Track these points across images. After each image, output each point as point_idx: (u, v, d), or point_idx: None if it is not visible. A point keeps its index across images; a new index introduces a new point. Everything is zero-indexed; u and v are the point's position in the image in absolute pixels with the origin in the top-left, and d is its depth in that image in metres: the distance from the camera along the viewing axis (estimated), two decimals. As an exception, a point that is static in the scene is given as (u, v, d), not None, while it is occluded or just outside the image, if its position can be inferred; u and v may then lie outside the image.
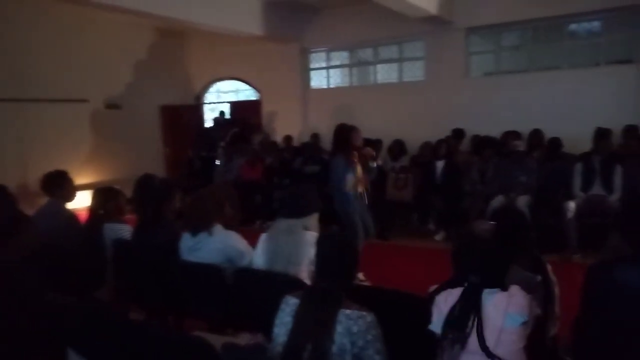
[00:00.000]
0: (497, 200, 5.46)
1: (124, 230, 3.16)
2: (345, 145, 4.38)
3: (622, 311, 1.92)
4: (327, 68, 9.33)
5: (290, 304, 1.71)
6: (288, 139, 8.74)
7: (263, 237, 2.58)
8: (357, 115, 8.64)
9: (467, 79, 7.81)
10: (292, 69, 9.30)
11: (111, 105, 8.96)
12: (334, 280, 1.68)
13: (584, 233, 5.02)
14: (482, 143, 6.36)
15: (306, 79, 9.46)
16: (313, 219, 2.52)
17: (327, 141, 8.30)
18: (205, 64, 10.25)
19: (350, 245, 1.75)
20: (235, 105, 10.31)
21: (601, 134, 5.29)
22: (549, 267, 2.16)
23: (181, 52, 10.48)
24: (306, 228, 2.45)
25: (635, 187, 4.82)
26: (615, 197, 4.91)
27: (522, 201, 5.34)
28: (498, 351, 1.60)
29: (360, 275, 4.50)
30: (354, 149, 4.41)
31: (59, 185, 3.44)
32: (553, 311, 2.12)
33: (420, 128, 7.58)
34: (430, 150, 6.66)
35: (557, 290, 2.14)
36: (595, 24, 7.07)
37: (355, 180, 4.43)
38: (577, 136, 6.26)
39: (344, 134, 4.43)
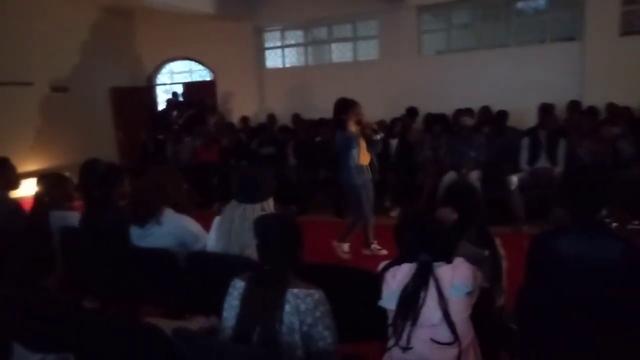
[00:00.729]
0: (449, 176, 5.62)
1: (71, 217, 3.06)
2: (346, 119, 4.35)
3: (562, 278, 2.03)
4: (282, 47, 9.23)
5: (237, 287, 1.72)
6: (244, 119, 8.66)
7: (217, 221, 2.54)
8: (313, 95, 8.66)
9: (420, 58, 7.91)
10: (246, 49, 9.14)
11: (57, 88, 8.55)
12: (278, 262, 1.69)
13: (530, 205, 5.25)
14: (433, 120, 6.49)
15: (261, 59, 9.33)
16: (269, 202, 2.50)
17: (283, 121, 8.32)
18: (156, 44, 9.90)
19: (290, 225, 1.75)
20: (189, 86, 10.08)
21: (545, 109, 5.51)
22: (498, 241, 2.25)
23: (130, 31, 10.07)
24: (264, 211, 2.43)
25: (576, 160, 5.06)
26: (559, 169, 5.14)
27: (474, 176, 5.51)
28: (445, 320, 1.67)
29: (375, 245, 4.59)
30: (356, 123, 4.41)
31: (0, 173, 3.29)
32: (500, 284, 2.22)
33: (375, 107, 7.61)
34: (385, 129, 6.73)
35: (505, 264, 2.24)
36: (541, 2, 7.29)
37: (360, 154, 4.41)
38: (525, 112, 6.50)
39: (345, 107, 4.42)
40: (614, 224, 4.80)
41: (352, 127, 4.40)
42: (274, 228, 1.74)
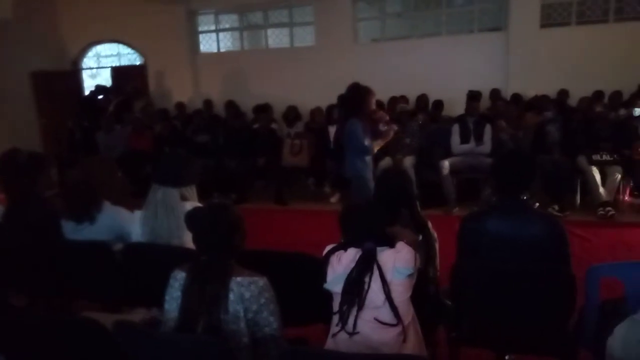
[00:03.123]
0: (385, 162, 5.78)
1: (-7, 211, 2.86)
2: (360, 108, 3.98)
3: (490, 255, 2.18)
4: (216, 31, 9.00)
5: (178, 279, 1.69)
6: (180, 105, 8.38)
7: (138, 214, 2.45)
8: (249, 81, 8.56)
9: (355, 45, 8.02)
10: (179, 32, 8.83)
11: (-32, 72, 7.87)
12: (218, 252, 1.68)
13: (460, 188, 5.53)
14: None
15: (195, 43, 9.06)
16: (192, 189, 2.45)
17: (220, 107, 8.17)
18: (81, 26, 9.25)
19: (225, 214, 1.72)
20: (118, 71, 9.59)
21: (471, 97, 5.81)
22: (430, 224, 2.36)
23: (52, 11, 9.38)
24: (184, 199, 2.38)
25: (501, 145, 5.38)
26: (484, 150, 5.42)
27: (408, 162, 5.72)
28: (388, 302, 1.75)
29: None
30: (368, 113, 4.06)
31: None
32: (434, 265, 2.33)
33: (312, 93, 7.66)
34: (322, 116, 6.80)
35: (437, 245, 2.36)
36: (469, -7, 7.59)
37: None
38: (456, 99, 6.77)
39: (360, 95, 4.02)
40: (536, 205, 5.18)
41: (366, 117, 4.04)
42: (207, 219, 1.70)
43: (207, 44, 9.13)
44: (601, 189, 4.98)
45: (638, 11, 6.76)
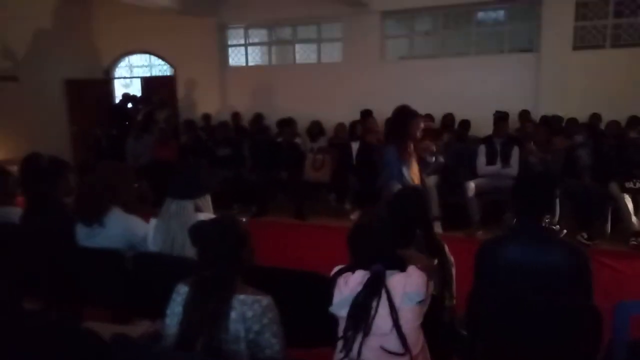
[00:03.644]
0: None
1: (12, 213, 2.90)
2: (401, 134, 3.78)
3: (508, 284, 2.07)
4: (246, 45, 9.10)
5: (181, 293, 1.64)
6: (206, 117, 8.48)
7: (153, 222, 2.44)
8: (276, 95, 8.60)
9: (383, 62, 7.98)
10: (209, 45, 8.96)
11: (6, 77, 8.13)
12: (221, 268, 1.62)
13: (485, 210, 5.37)
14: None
15: (224, 56, 9.17)
16: (206, 200, 2.42)
17: (247, 120, 8.24)
18: (115, 36, 9.54)
19: (231, 229, 1.66)
20: (148, 81, 9.79)
21: (500, 117, 5.67)
22: (446, 248, 2.26)
23: (87, 21, 9.68)
24: (198, 209, 2.35)
25: (528, 168, 5.21)
26: (511, 172, 5.26)
27: (431, 181, 5.59)
28: (395, 330, 1.65)
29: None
30: (411, 140, 3.81)
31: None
32: (450, 291, 2.23)
33: (337, 109, 7.65)
34: (345, 132, 6.76)
35: (453, 270, 2.25)
36: (500, 13, 7.49)
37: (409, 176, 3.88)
38: (483, 119, 6.65)
39: (402, 120, 3.82)
40: (564, 232, 4.98)
41: (406, 144, 3.83)
42: (211, 233, 1.65)
43: (236, 57, 9.24)
44: (634, 218, 4.76)
45: (676, 35, 6.54)
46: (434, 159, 4.00)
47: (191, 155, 6.74)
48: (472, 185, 5.31)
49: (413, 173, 3.91)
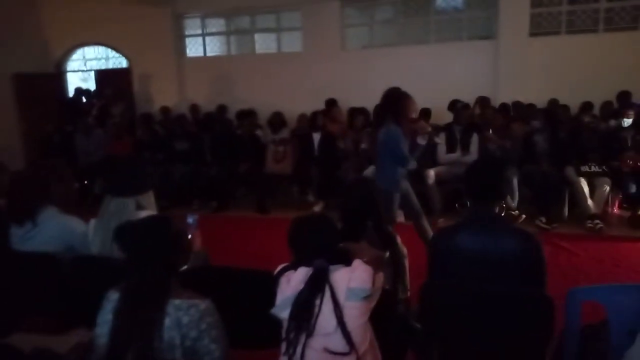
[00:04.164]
0: (371, 170, 5.64)
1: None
2: (398, 115, 3.59)
3: (461, 272, 2.02)
4: (203, 35, 8.85)
5: (111, 300, 1.52)
6: (165, 110, 8.20)
7: (92, 223, 2.29)
8: (236, 86, 8.41)
9: (343, 52, 7.89)
10: (165, 36, 8.67)
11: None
12: (152, 271, 1.51)
13: (446, 198, 5.38)
14: (355, 114, 6.50)
15: (181, 47, 8.89)
16: (148, 197, 2.28)
17: (206, 112, 8.02)
18: (66, 27, 9.05)
19: (161, 228, 1.56)
20: (102, 74, 9.41)
21: (457, 106, 5.70)
22: (398, 239, 2.20)
23: (35, 12, 9.19)
24: (140, 207, 2.21)
25: (488, 154, 5.24)
26: (471, 159, 5.28)
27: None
28: (340, 328, 1.56)
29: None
30: (407, 121, 3.62)
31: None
32: (404, 284, 2.17)
33: (299, 99, 7.53)
34: (307, 122, 6.66)
35: (406, 262, 2.20)
36: (459, 1, 7.49)
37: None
38: (443, 107, 6.64)
39: (397, 100, 3.64)
40: (523, 217, 5.04)
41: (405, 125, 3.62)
42: (139, 235, 1.53)
43: (194, 48, 8.97)
44: (589, 201, 4.85)
45: (628, 21, 6.68)
46: (425, 141, 3.73)
47: (147, 151, 6.50)
48: (432, 173, 5.31)
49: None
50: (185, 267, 1.94)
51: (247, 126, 6.47)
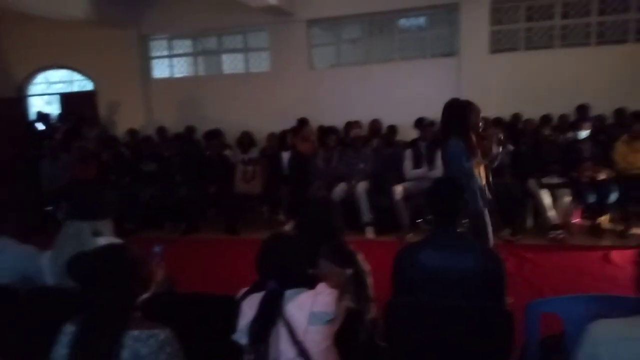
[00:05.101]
0: (340, 188, 5.69)
1: None
2: (462, 126, 3.38)
3: (424, 290, 2.05)
4: (170, 57, 8.82)
5: (67, 333, 1.48)
6: (132, 132, 8.09)
7: (49, 251, 2.24)
8: (204, 107, 8.40)
9: (311, 71, 7.98)
10: (131, 58, 8.60)
11: None
12: (107, 302, 1.48)
13: (414, 213, 5.45)
14: (326, 132, 6.54)
15: (147, 68, 8.83)
16: (107, 224, 2.24)
17: (174, 134, 7.93)
18: (28, 51, 8.87)
19: (115, 257, 1.53)
20: (67, 97, 9.26)
21: (421, 122, 5.83)
22: (360, 256, 2.22)
23: (-6, 35, 9.02)
24: (97, 233, 2.17)
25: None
26: (437, 174, 5.37)
27: (362, 187, 5.63)
28: (305, 353, 1.56)
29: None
30: (474, 131, 3.41)
31: None
32: (367, 302, 2.18)
33: (268, 119, 7.56)
34: (276, 141, 6.68)
35: (369, 279, 2.21)
36: (421, 20, 7.70)
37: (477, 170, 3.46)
38: (409, 123, 6.77)
39: (460, 111, 3.44)
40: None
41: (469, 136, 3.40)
42: (92, 265, 1.50)
43: (160, 69, 8.92)
44: (551, 212, 4.99)
45: (581, 38, 6.98)
46: (500, 148, 3.55)
47: (113, 173, 6.39)
48: (399, 189, 5.38)
49: (477, 169, 3.48)
50: (146, 295, 1.92)
51: (216, 146, 6.43)
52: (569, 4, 6.97)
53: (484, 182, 3.49)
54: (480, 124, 3.49)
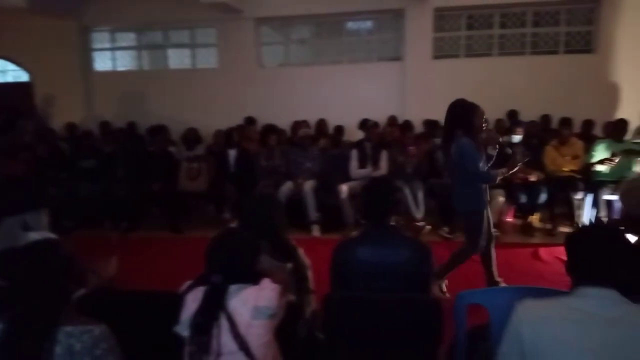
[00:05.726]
0: (287, 186, 5.73)
1: None
2: (471, 127, 3.39)
3: (360, 284, 2.14)
4: (112, 49, 8.53)
5: (-5, 331, 1.45)
6: (71, 127, 7.77)
7: None
8: (149, 102, 8.20)
9: (260, 69, 7.97)
10: (70, 49, 8.26)
11: None
12: (38, 298, 1.45)
13: (358, 211, 5.58)
14: (269, 131, 6.57)
15: (88, 61, 8.50)
16: (39, 217, 2.18)
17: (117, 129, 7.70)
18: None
19: (46, 253, 1.50)
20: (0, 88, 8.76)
21: (367, 124, 5.99)
22: (301, 251, 2.28)
23: None
24: (28, 227, 2.11)
25: (398, 169, 5.53)
26: (381, 173, 5.54)
27: (308, 185, 5.70)
28: (246, 346, 1.60)
29: (444, 286, 3.73)
30: (478, 132, 3.44)
31: None
32: (308, 295, 2.24)
33: (215, 116, 7.48)
34: (223, 139, 6.63)
35: (310, 273, 2.28)
36: (369, 24, 7.87)
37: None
38: (355, 125, 6.94)
39: (468, 112, 3.43)
40: (429, 227, 5.36)
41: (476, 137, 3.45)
42: (20, 261, 1.47)
43: (103, 62, 8.62)
44: (487, 211, 5.25)
45: (517, 47, 7.39)
46: (496, 151, 3.59)
47: (50, 169, 6.12)
48: (345, 188, 5.49)
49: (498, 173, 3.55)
50: (82, 291, 1.89)
51: (160, 142, 6.30)
52: (506, 15, 7.35)
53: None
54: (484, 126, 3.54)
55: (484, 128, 3.53)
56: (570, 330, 1.39)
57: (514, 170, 3.68)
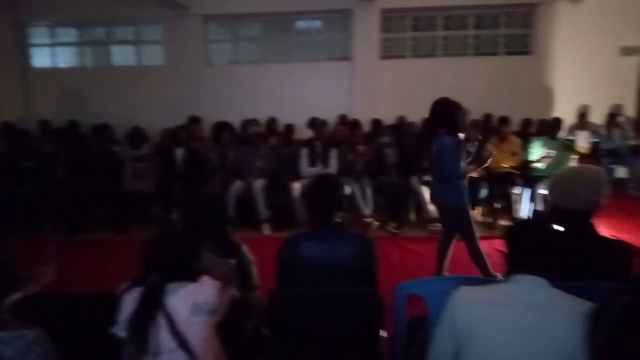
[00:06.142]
0: (237, 185, 5.70)
1: None
2: (454, 125, 3.43)
3: (306, 280, 2.18)
4: (52, 45, 8.18)
5: None
6: (7, 125, 7.36)
7: None
8: (92, 100, 7.93)
9: (208, 67, 7.88)
10: (5, 44, 7.84)
11: None
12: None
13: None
14: (220, 129, 6.51)
15: (25, 57, 8.12)
16: None
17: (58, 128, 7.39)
18: None
19: None
20: None
21: (316, 122, 6.05)
22: (245, 248, 2.30)
23: None
24: None
25: (347, 166, 5.63)
26: (331, 172, 5.62)
27: (259, 184, 5.69)
28: (185, 344, 1.60)
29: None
30: (459, 130, 3.47)
31: None
32: (253, 291, 2.26)
33: (161, 114, 7.34)
34: (170, 137, 6.50)
35: (254, 268, 2.30)
36: (318, 23, 7.94)
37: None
38: (305, 123, 6.97)
39: (449, 111, 3.48)
40: (377, 223, 5.49)
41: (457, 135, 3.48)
42: None
43: (42, 58, 8.24)
44: (431, 207, 5.43)
45: (460, 48, 7.68)
46: (475, 148, 3.62)
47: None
48: (296, 186, 5.53)
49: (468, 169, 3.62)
50: (17, 296, 1.82)
51: (103, 142, 6.10)
52: (449, 17, 7.62)
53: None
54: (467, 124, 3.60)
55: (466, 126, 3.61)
56: (499, 312, 1.50)
57: (484, 165, 3.82)
